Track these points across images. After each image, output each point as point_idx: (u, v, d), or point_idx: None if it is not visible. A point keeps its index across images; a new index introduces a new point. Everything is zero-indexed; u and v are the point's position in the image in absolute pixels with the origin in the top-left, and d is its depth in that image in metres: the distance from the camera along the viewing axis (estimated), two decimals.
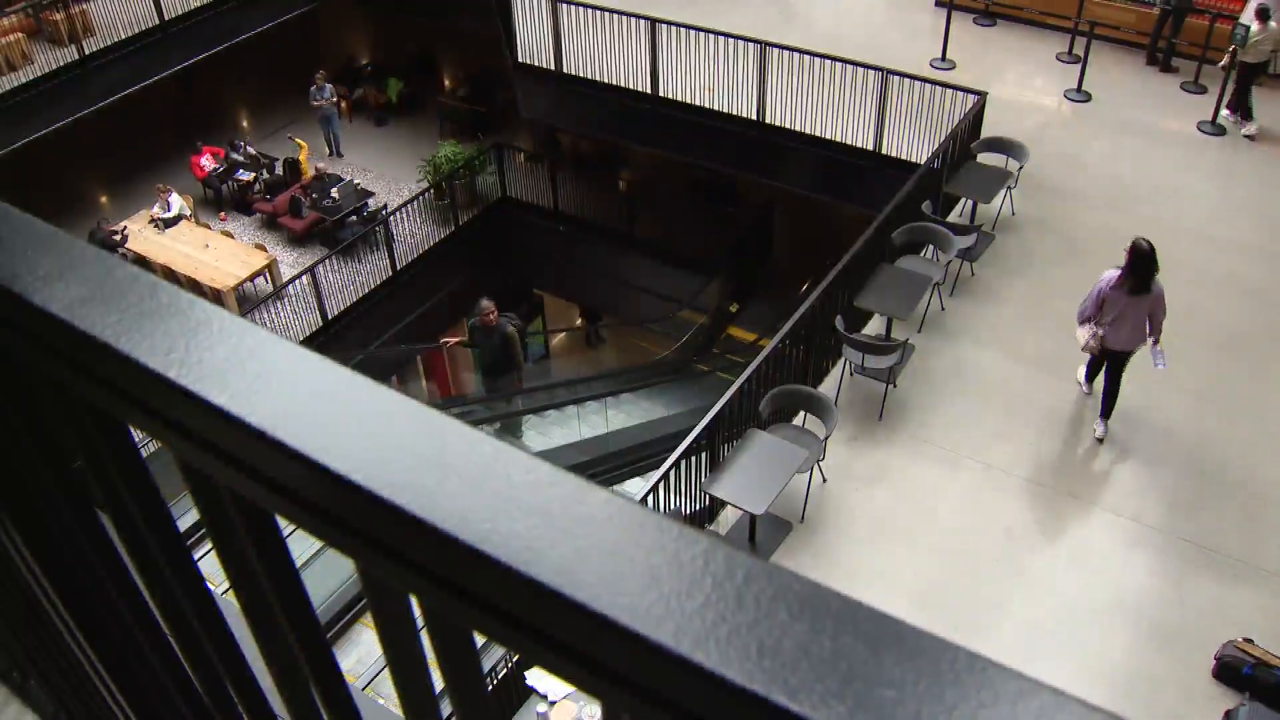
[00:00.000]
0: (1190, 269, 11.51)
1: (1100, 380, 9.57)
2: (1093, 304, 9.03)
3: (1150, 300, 8.82)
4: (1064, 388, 10.05)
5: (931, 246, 10.99)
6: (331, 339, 16.64)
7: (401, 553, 0.75)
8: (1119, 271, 8.83)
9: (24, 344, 0.99)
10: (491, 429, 15.37)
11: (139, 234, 18.35)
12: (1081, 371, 9.98)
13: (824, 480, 9.07)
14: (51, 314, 0.91)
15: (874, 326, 10.80)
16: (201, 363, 0.85)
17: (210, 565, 1.30)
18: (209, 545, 1.09)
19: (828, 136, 13.96)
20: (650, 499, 8.32)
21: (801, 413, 9.47)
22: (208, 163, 20.17)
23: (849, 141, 13.81)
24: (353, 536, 0.78)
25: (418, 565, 0.75)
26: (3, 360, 1.11)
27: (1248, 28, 14.33)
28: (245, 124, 23.02)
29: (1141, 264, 8.70)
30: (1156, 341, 8.98)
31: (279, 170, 20.19)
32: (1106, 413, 9.51)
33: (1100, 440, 9.57)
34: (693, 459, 8.77)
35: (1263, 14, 13.50)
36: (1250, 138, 13.93)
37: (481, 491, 0.72)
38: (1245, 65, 13.71)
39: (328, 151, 21.15)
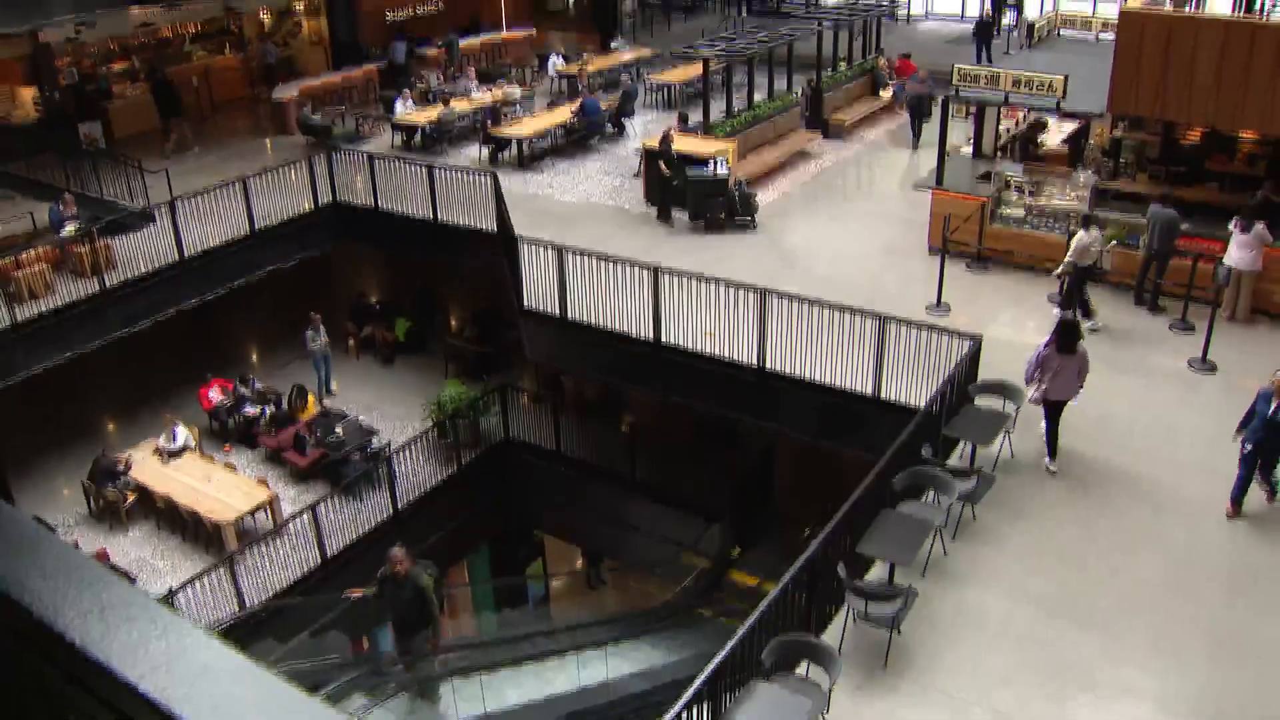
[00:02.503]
0: (1191, 504, 11.55)
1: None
2: (1034, 366, 12.05)
3: (1077, 359, 11.96)
4: (1068, 629, 9.89)
5: (932, 490, 11.03)
6: (329, 577, 16.48)
7: None
8: (1046, 341, 12.04)
9: (57, 675, 1.02)
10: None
11: (143, 463, 18.48)
12: (1046, 456, 12.27)
13: None
14: (88, 655, 0.95)
15: (876, 572, 10.71)
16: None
17: None
18: None
19: (827, 381, 14.17)
20: None
21: (805, 662, 9.30)
22: (216, 395, 20.50)
23: (848, 386, 14.00)
24: None
25: None
26: (36, 681, 1.14)
27: (1229, 268, 14.96)
28: (254, 358, 23.46)
29: (1066, 331, 12.01)
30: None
31: (285, 405, 20.44)
32: (1053, 454, 12.25)
33: (1053, 473, 12.12)
34: (694, 710, 8.56)
35: (1087, 222, 15.58)
36: (1095, 330, 15.28)
37: None
38: (1079, 269, 15.29)
39: (325, 392, 21.51)
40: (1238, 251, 15.08)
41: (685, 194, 19.92)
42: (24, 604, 1.00)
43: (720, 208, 19.60)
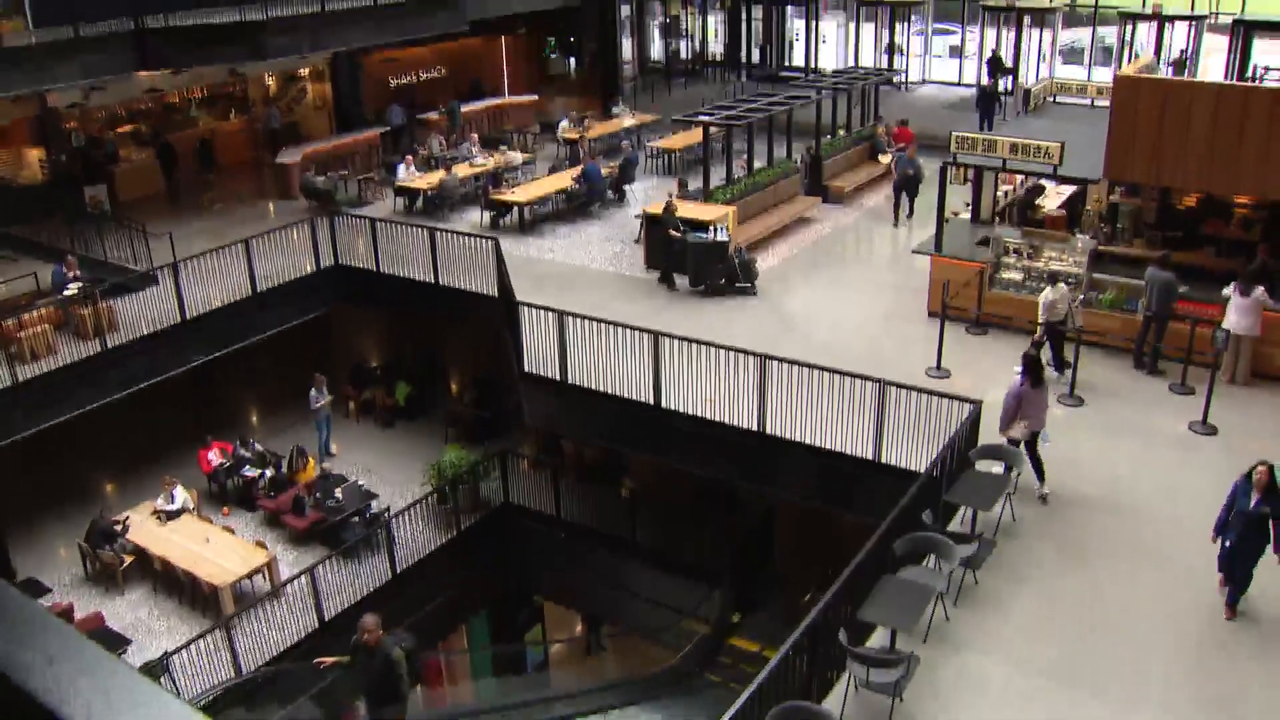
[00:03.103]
0: (1194, 569, 11.47)
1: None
2: (1014, 407, 12.71)
3: (1045, 388, 13.03)
4: (1072, 696, 9.80)
5: (933, 556, 10.98)
6: (327, 641, 16.35)
7: None
8: (1021, 378, 12.78)
9: None
10: None
11: (141, 525, 18.45)
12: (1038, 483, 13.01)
13: None
14: None
15: (878, 638, 10.64)
16: None
17: None
18: None
19: (827, 446, 14.14)
20: None
21: None
22: (215, 457, 20.51)
23: (848, 450, 13.97)
24: None
25: None
26: None
27: (1228, 332, 15.04)
28: (254, 419, 23.47)
29: (1035, 365, 12.87)
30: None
31: (285, 468, 20.42)
32: (1042, 476, 12.93)
33: (1044, 498, 12.83)
34: None
35: (1053, 278, 16.23)
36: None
37: None
38: (1051, 326, 15.85)
39: (325, 454, 21.50)
40: (1237, 316, 15.14)
41: (686, 259, 20.02)
42: (27, 688, 1.01)
43: (720, 273, 19.68)
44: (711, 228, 20.26)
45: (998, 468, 12.59)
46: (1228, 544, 10.74)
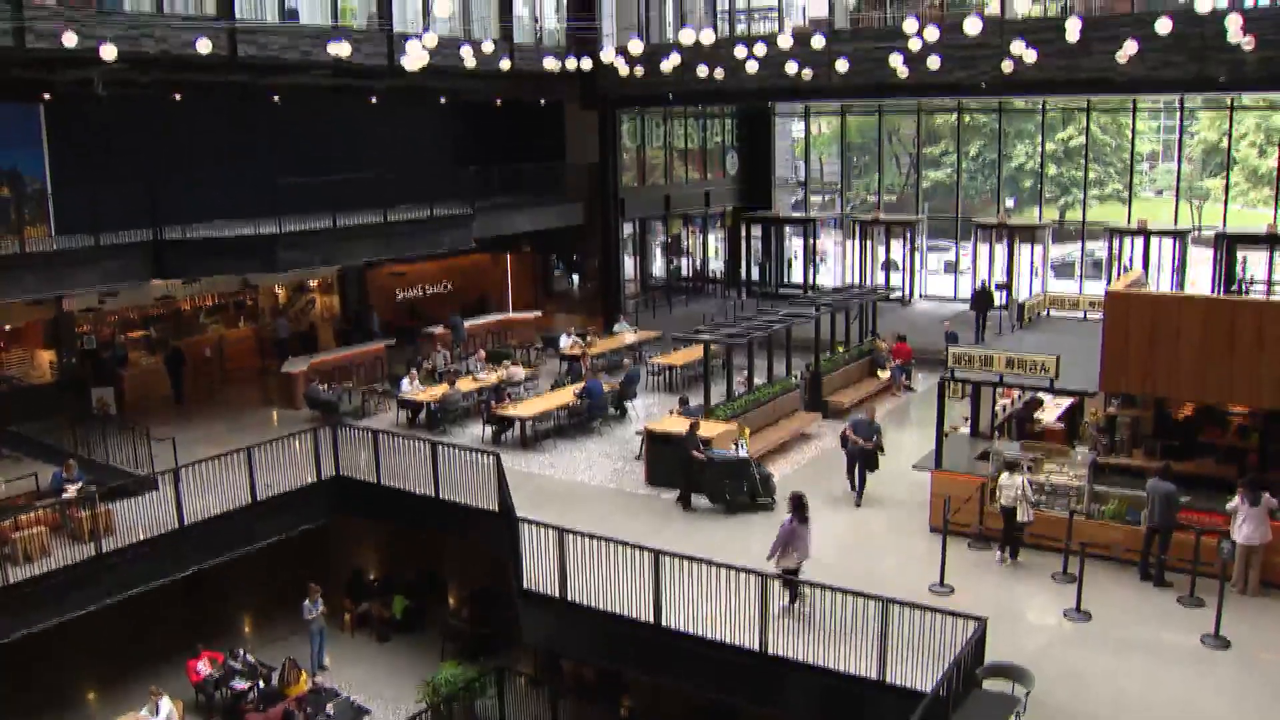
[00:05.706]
0: None
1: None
2: (785, 541, 15.09)
3: (809, 526, 15.22)
4: None
5: None
6: None
7: None
8: (790, 517, 15.12)
9: None
10: None
11: None
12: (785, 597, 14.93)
13: None
14: None
15: None
16: None
17: None
18: None
19: (830, 665, 13.80)
20: None
21: None
22: (204, 668, 20.12)
23: (852, 670, 13.62)
24: None
25: None
26: None
27: (1233, 542, 14.96)
28: (247, 629, 23.07)
29: (802, 505, 15.22)
30: None
31: (276, 680, 19.93)
32: (796, 599, 14.87)
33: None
34: None
35: (1013, 466, 16.97)
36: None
37: None
38: (1005, 509, 16.61)
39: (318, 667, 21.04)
40: (1249, 526, 15.12)
41: (704, 478, 20.01)
42: None
43: (741, 490, 19.69)
44: (734, 445, 20.37)
45: (1006, 686, 12.31)
46: None
